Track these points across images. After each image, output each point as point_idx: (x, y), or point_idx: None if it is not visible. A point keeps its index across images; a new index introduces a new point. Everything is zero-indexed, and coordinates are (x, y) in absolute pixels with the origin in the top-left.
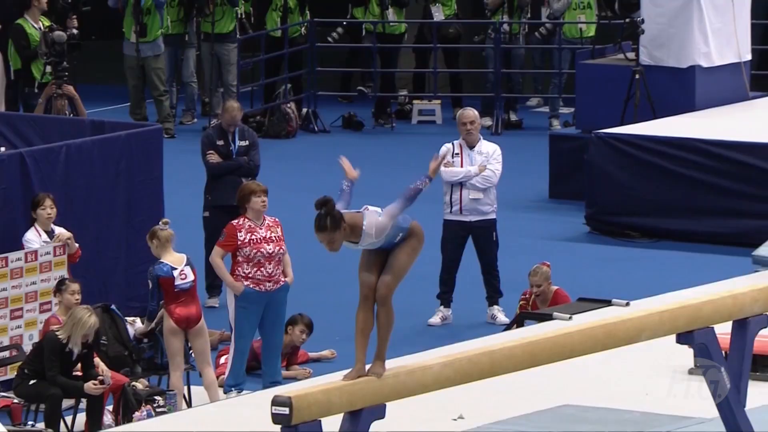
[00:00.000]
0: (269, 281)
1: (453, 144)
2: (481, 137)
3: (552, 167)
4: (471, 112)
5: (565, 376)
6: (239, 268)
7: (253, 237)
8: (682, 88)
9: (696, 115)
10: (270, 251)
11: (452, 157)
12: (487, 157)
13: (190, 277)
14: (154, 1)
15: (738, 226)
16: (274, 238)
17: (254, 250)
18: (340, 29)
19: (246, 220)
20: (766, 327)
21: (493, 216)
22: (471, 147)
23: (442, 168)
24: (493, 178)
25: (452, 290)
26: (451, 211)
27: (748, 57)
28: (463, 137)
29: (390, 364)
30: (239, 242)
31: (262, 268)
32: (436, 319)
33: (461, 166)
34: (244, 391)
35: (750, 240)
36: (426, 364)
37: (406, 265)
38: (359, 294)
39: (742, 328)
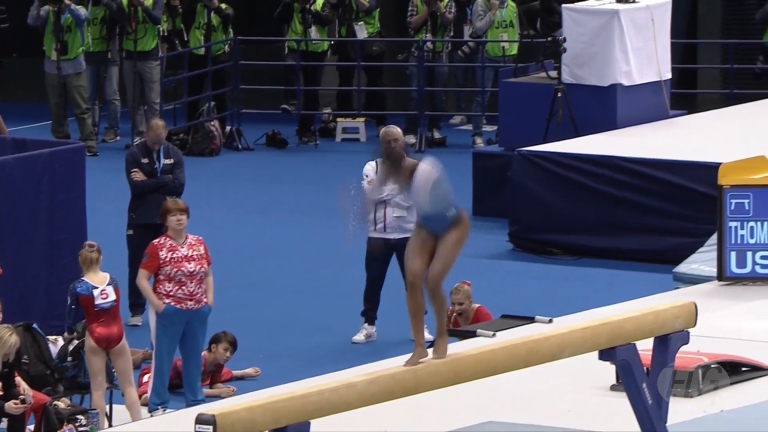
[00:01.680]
0: (191, 300)
1: (377, 162)
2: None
3: (475, 185)
4: (394, 130)
5: (489, 393)
6: (161, 286)
7: (175, 255)
8: (604, 107)
9: (617, 133)
10: (191, 270)
11: (376, 174)
12: None
13: (112, 296)
14: (74, 19)
15: (659, 244)
16: (195, 257)
17: (175, 269)
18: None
19: (167, 238)
20: (687, 343)
21: None
22: None
23: (366, 186)
24: None
25: (376, 307)
26: (375, 229)
27: (668, 76)
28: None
29: (314, 381)
30: (161, 261)
31: (183, 287)
32: (360, 337)
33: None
34: (168, 410)
35: (671, 257)
36: (350, 382)
37: (454, 254)
38: (406, 280)
39: (664, 344)
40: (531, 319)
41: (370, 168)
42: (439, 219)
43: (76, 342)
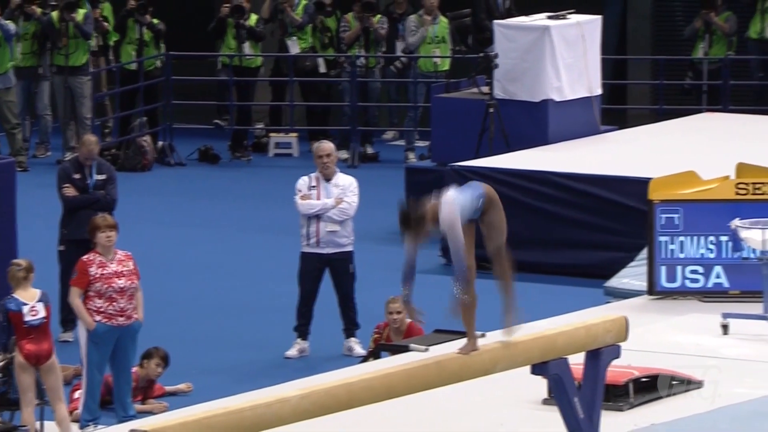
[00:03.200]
0: (121, 316)
1: (309, 177)
2: (338, 170)
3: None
4: (327, 145)
5: (422, 407)
6: (91, 303)
7: (104, 272)
8: (535, 122)
9: (549, 149)
10: (122, 286)
11: (309, 189)
12: (343, 190)
13: (42, 313)
14: (3, 34)
15: (590, 258)
16: (125, 273)
17: (105, 285)
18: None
19: (96, 255)
20: (618, 357)
21: (350, 248)
22: (327, 180)
23: (299, 201)
24: (349, 210)
25: (309, 322)
26: (308, 244)
27: (599, 91)
28: (320, 170)
29: (247, 396)
30: (91, 277)
31: (114, 303)
32: (293, 352)
33: (318, 199)
34: (99, 426)
35: (602, 271)
36: (284, 397)
37: (503, 217)
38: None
39: (595, 358)
40: (464, 334)
41: (302, 183)
42: (473, 213)
43: (5, 358)
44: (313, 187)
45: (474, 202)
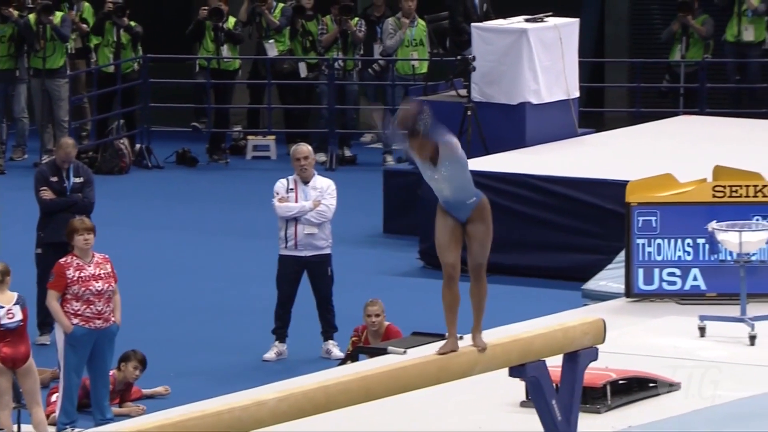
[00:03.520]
0: (99, 319)
1: (287, 179)
2: (316, 173)
3: (386, 203)
4: (304, 148)
5: (400, 410)
6: (68, 306)
7: (82, 275)
8: (513, 125)
9: (526, 151)
10: (99, 288)
11: (287, 192)
12: (321, 193)
13: (18, 316)
14: None
15: (568, 261)
16: (103, 275)
17: (83, 288)
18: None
19: (74, 257)
20: (595, 360)
21: (327, 251)
22: (305, 182)
23: (277, 203)
24: (327, 213)
25: (287, 325)
26: (286, 246)
27: (576, 94)
28: (297, 173)
29: (225, 399)
30: (68, 280)
31: (91, 306)
32: (271, 355)
33: (296, 202)
34: (77, 429)
35: (579, 274)
36: (261, 400)
37: (489, 235)
38: (443, 274)
39: (573, 361)
40: (442, 336)
41: (280, 185)
42: (461, 206)
43: None
44: (291, 189)
45: (469, 190)
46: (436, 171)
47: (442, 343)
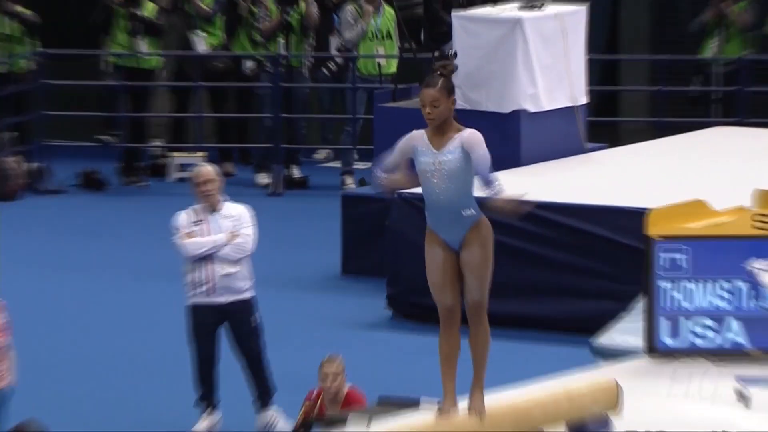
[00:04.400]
0: None
1: (190, 211)
2: (223, 198)
3: (345, 236)
4: (206, 170)
5: None
6: None
7: None
8: (505, 139)
9: (522, 172)
10: None
11: (193, 226)
12: (236, 222)
13: None
14: None
15: (575, 309)
16: None
17: None
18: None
19: None
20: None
21: (248, 294)
22: (214, 211)
23: (182, 241)
24: (247, 245)
25: (214, 389)
26: (198, 293)
27: (584, 100)
28: (202, 200)
29: None
30: None
31: None
32: (201, 426)
33: (207, 236)
34: None
35: (589, 325)
36: None
37: (488, 261)
38: (440, 318)
39: None
40: (416, 404)
41: (182, 219)
42: (455, 220)
43: None
44: (199, 221)
45: (471, 196)
46: (437, 157)
47: (415, 412)
